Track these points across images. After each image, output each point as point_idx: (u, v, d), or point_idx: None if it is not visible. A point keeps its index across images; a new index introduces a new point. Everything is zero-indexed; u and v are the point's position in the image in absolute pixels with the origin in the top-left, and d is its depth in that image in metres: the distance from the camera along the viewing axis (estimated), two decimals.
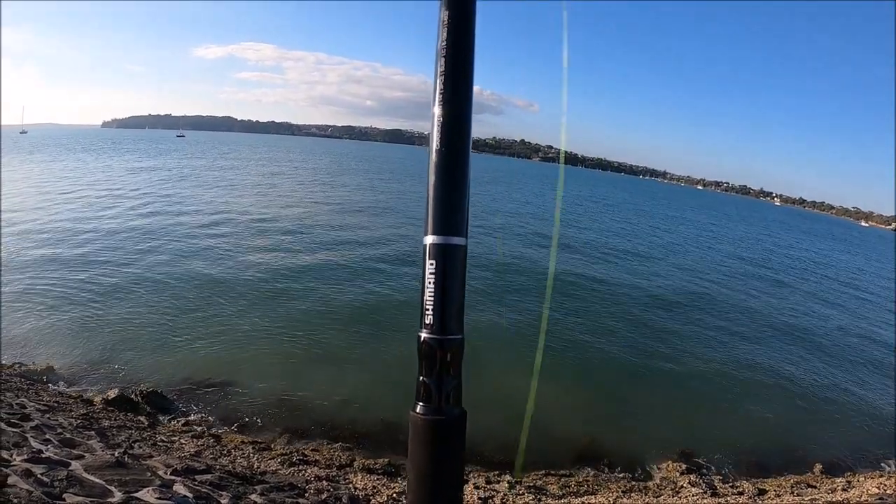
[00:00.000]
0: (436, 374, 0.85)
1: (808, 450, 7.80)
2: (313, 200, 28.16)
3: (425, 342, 0.86)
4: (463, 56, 0.92)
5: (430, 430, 0.85)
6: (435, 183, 0.89)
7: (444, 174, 0.89)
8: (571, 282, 14.98)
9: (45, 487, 2.62)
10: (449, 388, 0.86)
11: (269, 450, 5.86)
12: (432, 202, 0.88)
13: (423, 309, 0.87)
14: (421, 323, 0.87)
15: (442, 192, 0.89)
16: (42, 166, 38.40)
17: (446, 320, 0.86)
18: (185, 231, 17.25)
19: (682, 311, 13.84)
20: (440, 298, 0.86)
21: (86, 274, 11.81)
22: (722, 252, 27.45)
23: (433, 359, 0.85)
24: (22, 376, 6.81)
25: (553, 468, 6.35)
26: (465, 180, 0.91)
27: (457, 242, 0.87)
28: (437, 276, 0.86)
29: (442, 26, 0.91)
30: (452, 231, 0.87)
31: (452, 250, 0.87)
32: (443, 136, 0.89)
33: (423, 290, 0.87)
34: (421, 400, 0.86)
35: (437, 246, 0.86)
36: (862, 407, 9.59)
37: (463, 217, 0.89)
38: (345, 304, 11.21)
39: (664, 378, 9.43)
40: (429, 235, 0.87)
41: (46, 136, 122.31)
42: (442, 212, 0.88)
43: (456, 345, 0.86)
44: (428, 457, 0.86)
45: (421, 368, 0.86)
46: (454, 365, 0.86)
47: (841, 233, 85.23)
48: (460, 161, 0.90)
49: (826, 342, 13.33)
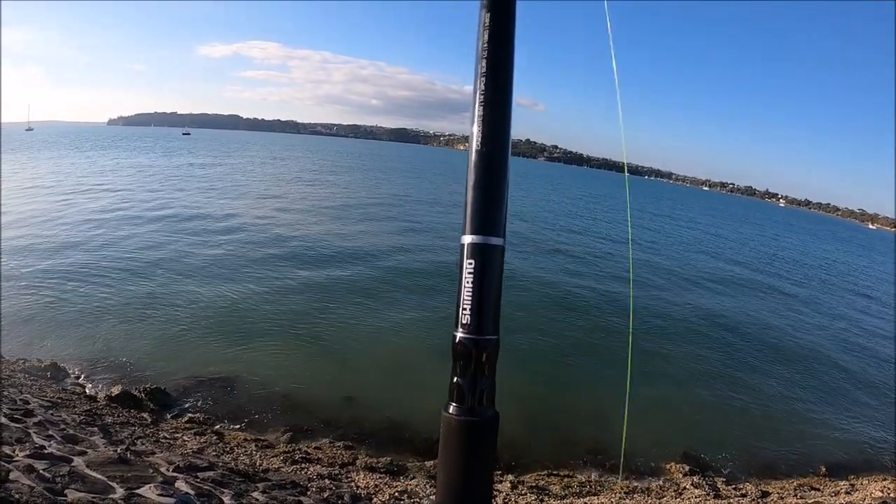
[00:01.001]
0: (470, 374, 0.85)
1: (812, 452, 7.75)
2: (318, 198, 28.19)
3: (461, 342, 0.86)
4: (503, 58, 0.92)
5: (462, 430, 0.85)
6: (474, 183, 0.89)
7: (484, 174, 0.89)
8: (575, 284, 14.96)
9: (46, 483, 2.61)
10: (483, 389, 0.86)
11: (272, 447, 5.86)
12: (471, 202, 0.89)
13: (460, 308, 0.86)
14: (457, 322, 0.86)
15: (481, 193, 0.89)
16: (50, 163, 38.57)
17: (483, 320, 0.85)
18: (192, 228, 17.28)
19: (684, 313, 13.78)
20: (477, 298, 0.85)
21: (93, 270, 11.84)
22: (725, 255, 27.30)
23: (468, 359, 0.85)
24: (26, 372, 6.82)
25: (556, 468, 6.34)
26: (505, 181, 0.91)
27: (495, 243, 0.87)
28: (475, 275, 0.86)
29: (482, 28, 0.92)
30: (491, 231, 0.87)
31: (490, 250, 0.87)
32: (483, 137, 0.90)
33: (461, 290, 0.86)
34: (454, 400, 0.86)
35: (476, 245, 0.86)
36: (866, 409, 9.53)
37: (501, 217, 0.89)
38: (349, 301, 11.20)
39: (667, 379, 9.38)
40: (467, 235, 0.87)
41: (54, 134, 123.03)
42: (481, 212, 0.88)
43: (491, 345, 0.86)
44: (459, 458, 0.85)
45: (455, 368, 0.86)
46: (489, 366, 0.86)
47: (850, 235, 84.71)
48: (500, 162, 0.90)
49: (831, 344, 13.26)
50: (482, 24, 0.92)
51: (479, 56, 0.92)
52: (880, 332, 15.54)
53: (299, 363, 8.22)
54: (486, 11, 0.92)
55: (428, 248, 16.72)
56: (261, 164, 51.58)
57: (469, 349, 0.85)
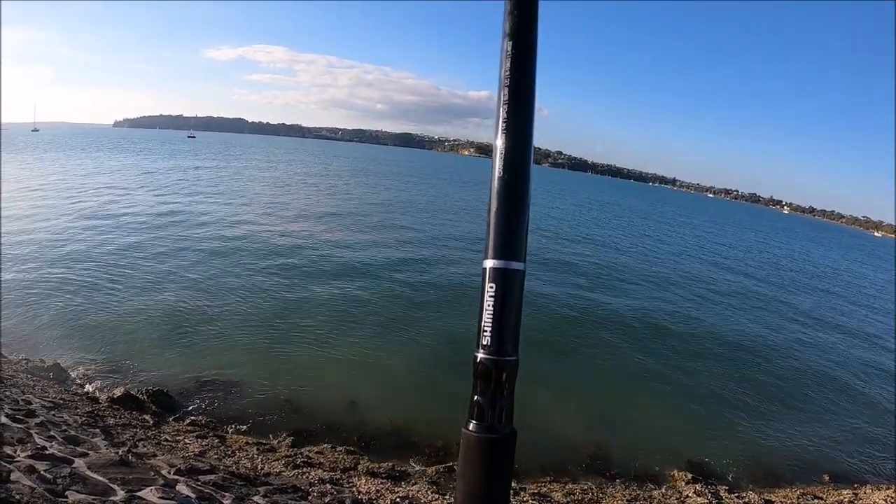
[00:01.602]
0: (490, 393, 0.88)
1: (815, 460, 7.70)
2: (328, 202, 28.28)
3: (481, 362, 0.88)
4: (525, 87, 0.95)
5: (482, 447, 0.88)
6: (497, 209, 0.92)
7: (505, 200, 0.92)
8: (578, 293, 14.93)
9: (47, 484, 2.60)
10: (502, 407, 0.89)
11: (274, 451, 5.84)
12: (493, 227, 0.91)
13: (481, 330, 0.89)
14: (478, 343, 0.89)
15: (503, 218, 0.91)
16: (56, 164, 38.76)
17: (503, 342, 0.89)
18: (197, 233, 17.33)
19: (689, 319, 13.73)
20: (498, 321, 0.89)
21: (96, 272, 11.88)
22: (727, 263, 27.21)
23: (488, 378, 0.88)
24: (29, 372, 6.82)
25: (558, 475, 6.30)
26: (526, 207, 0.93)
27: (516, 267, 0.90)
28: (496, 298, 0.89)
29: (505, 56, 0.94)
30: (512, 256, 0.90)
31: (511, 274, 0.90)
32: (505, 164, 0.92)
33: (482, 312, 0.89)
34: (474, 418, 0.88)
35: (497, 270, 0.89)
36: (869, 418, 9.46)
37: (522, 242, 0.92)
38: (353, 306, 11.19)
39: (670, 386, 9.33)
40: (489, 259, 0.90)
41: (60, 135, 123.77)
42: (502, 237, 0.91)
43: (511, 366, 0.89)
44: (479, 473, 0.88)
45: (476, 387, 0.89)
46: (508, 385, 0.89)
47: (858, 244, 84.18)
48: (522, 188, 0.93)
49: (835, 353, 13.16)
50: (504, 53, 0.94)
51: (500, 84, 0.94)
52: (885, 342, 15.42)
53: (302, 367, 8.20)
54: (509, 40, 0.94)
55: (434, 259, 16.65)
56: (267, 169, 51.69)
57: (489, 369, 0.88)
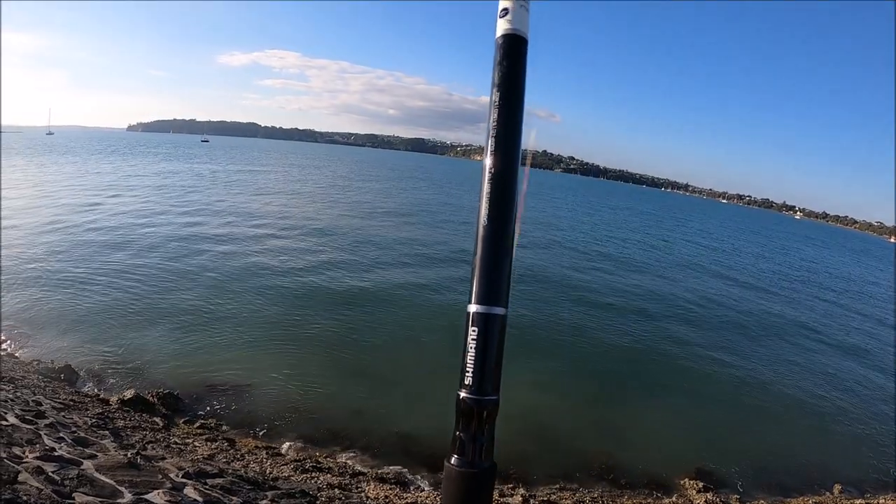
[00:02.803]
0: (472, 430, 0.91)
1: (827, 470, 7.56)
2: (336, 205, 28.37)
3: (464, 401, 0.92)
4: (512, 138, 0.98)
5: (463, 481, 0.90)
6: (481, 255, 0.95)
7: (489, 247, 0.95)
8: (593, 293, 14.84)
9: (54, 486, 2.58)
10: (482, 443, 0.91)
11: (282, 455, 5.82)
12: (478, 272, 0.95)
13: (464, 370, 0.92)
14: (461, 382, 0.92)
15: (487, 265, 0.95)
16: (73, 167, 39.24)
17: (484, 382, 0.92)
18: (212, 236, 17.44)
19: (700, 326, 13.59)
20: (480, 363, 0.92)
21: (109, 275, 11.98)
22: (744, 270, 26.94)
23: (470, 416, 0.91)
24: (40, 373, 6.86)
25: (568, 482, 6.23)
26: (509, 255, 0.96)
27: (497, 312, 0.94)
28: (478, 342, 0.92)
29: (493, 107, 0.99)
30: (494, 301, 0.94)
31: (493, 319, 0.93)
32: (490, 213, 0.96)
33: (465, 354, 0.93)
34: (456, 452, 0.91)
35: (480, 315, 0.93)
36: (882, 426, 9.27)
37: (505, 288, 0.95)
38: (364, 313, 11.18)
39: (682, 394, 9.23)
40: (472, 304, 0.94)
41: (75, 138, 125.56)
42: (486, 283, 0.95)
43: (491, 405, 0.93)
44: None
45: (458, 423, 0.92)
46: (489, 423, 0.93)
47: (869, 248, 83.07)
48: (506, 236, 0.96)
49: (848, 362, 12.94)
50: (492, 103, 0.99)
51: (488, 132, 0.99)
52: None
53: (312, 373, 8.18)
54: (497, 90, 0.99)
55: (445, 265, 16.64)
56: (283, 173, 52.04)
57: (471, 408, 0.91)
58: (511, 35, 0.99)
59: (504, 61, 0.99)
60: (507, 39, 0.99)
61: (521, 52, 1.00)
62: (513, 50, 1.00)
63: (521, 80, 1.00)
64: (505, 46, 0.99)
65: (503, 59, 0.99)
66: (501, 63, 0.99)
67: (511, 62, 0.99)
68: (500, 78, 0.99)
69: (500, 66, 0.99)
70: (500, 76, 0.99)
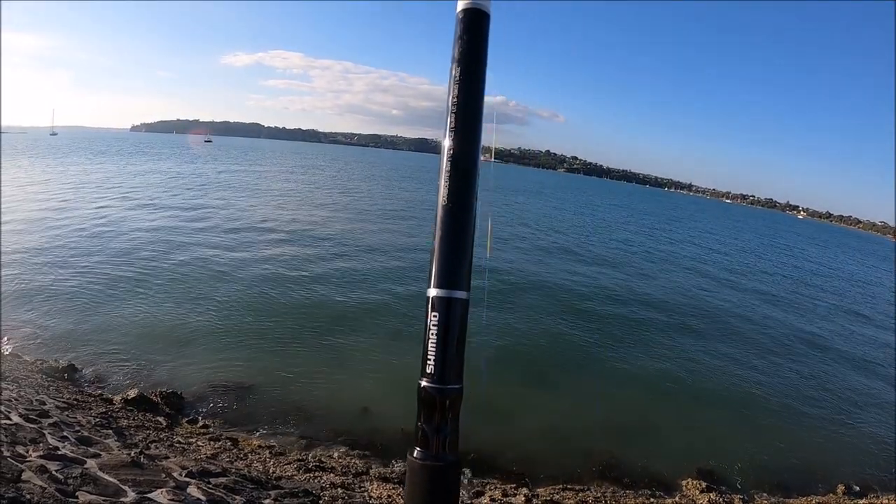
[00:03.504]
0: (435, 421, 0.88)
1: (831, 470, 7.51)
2: (338, 206, 28.39)
3: (425, 390, 0.89)
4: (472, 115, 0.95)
5: (426, 474, 0.88)
6: (440, 237, 0.92)
7: (449, 230, 0.92)
8: (591, 294, 14.82)
9: (58, 484, 2.58)
10: (445, 435, 0.88)
11: (285, 455, 5.82)
12: (437, 256, 0.92)
13: (425, 358, 0.90)
14: (422, 371, 0.90)
15: (447, 247, 0.92)
16: (79, 168, 39.35)
17: (446, 371, 0.89)
18: (217, 235, 17.47)
19: (701, 327, 13.54)
20: (441, 350, 0.89)
21: (114, 275, 12.00)
22: (745, 268, 26.88)
23: (432, 407, 0.89)
24: (44, 373, 6.88)
25: (570, 482, 6.21)
26: (470, 236, 0.93)
27: (459, 296, 0.90)
28: (438, 328, 0.89)
29: (453, 82, 0.95)
30: (455, 285, 0.90)
31: (455, 303, 0.90)
32: (449, 192, 0.92)
33: (426, 341, 0.90)
34: (419, 445, 0.90)
35: (441, 299, 0.90)
36: (886, 427, 9.22)
37: (466, 271, 0.92)
38: (368, 311, 11.18)
39: (685, 394, 9.19)
40: (432, 288, 0.90)
41: (78, 139, 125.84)
42: (446, 266, 0.91)
43: (455, 394, 0.89)
44: (423, 501, 0.88)
45: (420, 414, 0.90)
46: (452, 413, 0.89)
47: (883, 251, 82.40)
48: (465, 217, 0.93)
49: (852, 362, 12.88)
50: (452, 78, 0.96)
51: (448, 110, 0.95)
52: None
53: (315, 372, 8.17)
54: (457, 66, 0.95)
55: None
56: (289, 172, 52.11)
57: (433, 397, 0.89)
58: (472, 10, 0.96)
59: (464, 35, 0.96)
60: (467, 14, 0.96)
61: (483, 26, 0.97)
62: (473, 24, 0.97)
63: (482, 55, 0.97)
64: (466, 21, 0.96)
65: (463, 33, 0.96)
66: (462, 38, 0.96)
67: (471, 37, 0.96)
68: (461, 53, 0.96)
69: (460, 40, 0.96)
70: (461, 51, 0.96)
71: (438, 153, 0.96)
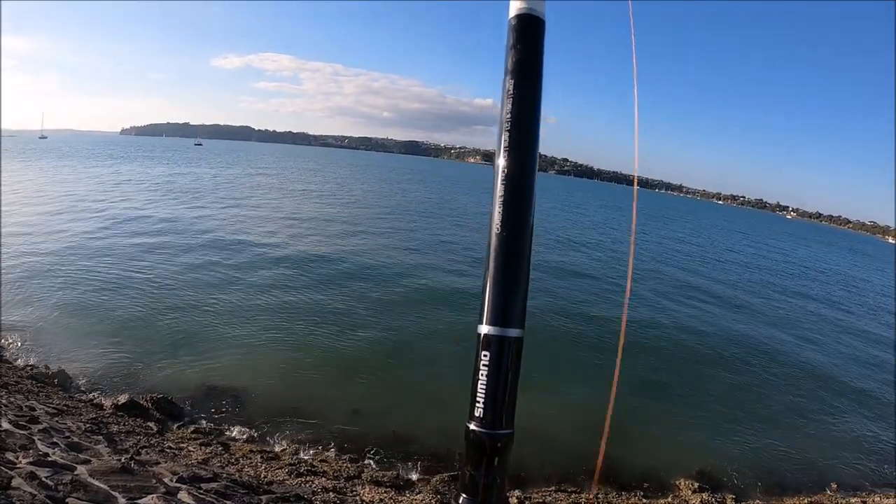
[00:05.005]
0: (483, 468, 0.82)
1: (823, 470, 7.61)
2: (333, 207, 28.34)
3: (474, 434, 0.82)
4: (529, 133, 0.87)
5: None
6: (494, 269, 0.85)
7: (504, 261, 0.85)
8: (589, 300, 14.88)
9: (48, 491, 2.58)
10: (495, 483, 0.82)
11: (277, 459, 5.81)
12: (491, 289, 0.85)
13: (474, 400, 0.83)
14: (470, 413, 0.83)
15: (501, 280, 0.85)
16: (71, 172, 39.03)
17: (497, 415, 0.83)
18: (207, 239, 17.36)
19: (693, 327, 13.63)
20: (492, 392, 0.83)
21: (103, 279, 11.92)
22: (735, 271, 27.06)
23: (482, 452, 0.82)
24: (33, 378, 6.82)
25: (564, 484, 6.24)
26: (526, 268, 0.87)
27: (512, 334, 0.84)
28: (490, 368, 0.83)
29: (507, 96, 0.87)
30: (509, 322, 0.84)
31: (508, 342, 0.84)
32: (504, 220, 0.85)
33: (475, 381, 0.83)
34: (466, 492, 0.82)
35: (493, 337, 0.84)
36: (878, 426, 9.34)
37: (520, 307, 0.86)
38: (357, 314, 11.17)
39: (677, 395, 9.27)
40: (484, 325, 0.84)
41: (67, 142, 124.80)
42: (499, 301, 0.84)
43: (505, 439, 0.83)
44: None
45: (467, 458, 0.83)
46: (502, 460, 0.83)
47: (867, 249, 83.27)
48: (521, 248, 0.86)
49: (843, 361, 13.03)
50: (505, 92, 0.87)
51: (501, 127, 0.87)
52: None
53: (308, 376, 8.18)
54: (511, 78, 0.87)
55: (441, 265, 16.64)
56: (279, 176, 51.96)
57: (483, 443, 0.82)
58: (526, 15, 0.87)
59: (518, 44, 0.87)
60: (521, 20, 0.87)
61: (538, 34, 0.88)
62: (528, 32, 0.88)
63: (538, 65, 0.88)
64: (519, 28, 0.88)
65: (517, 41, 0.88)
66: (515, 47, 0.88)
67: (526, 45, 0.88)
68: (515, 64, 0.87)
69: (513, 49, 0.88)
70: (514, 62, 0.87)
71: (429, 155, 0.87)
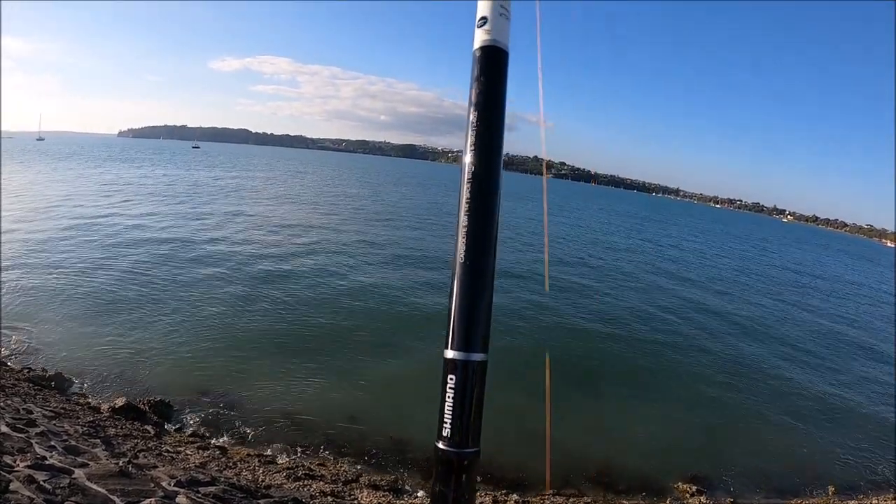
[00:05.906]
0: (452, 485, 0.85)
1: (821, 472, 7.63)
2: (331, 212, 28.35)
3: (443, 453, 0.87)
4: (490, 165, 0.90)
5: None
6: (458, 296, 0.89)
7: (468, 288, 0.88)
8: (587, 302, 14.89)
9: (46, 495, 2.58)
10: (463, 497, 0.86)
11: (275, 463, 5.81)
12: (455, 315, 0.89)
13: (441, 421, 0.87)
14: (438, 433, 0.88)
15: (464, 307, 0.89)
16: (71, 174, 38.98)
17: (463, 434, 0.87)
18: (204, 244, 17.36)
19: (692, 330, 13.65)
20: (458, 413, 0.87)
21: (101, 283, 11.91)
22: (732, 273, 27.08)
23: (450, 469, 0.86)
24: (31, 381, 6.80)
25: (563, 488, 6.25)
26: (489, 294, 0.90)
27: (476, 358, 0.87)
28: (455, 391, 0.87)
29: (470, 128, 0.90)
30: (473, 347, 0.88)
31: (473, 366, 0.87)
32: (468, 248, 0.89)
33: (442, 403, 0.87)
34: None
35: (458, 362, 0.87)
36: (875, 429, 9.38)
37: (484, 332, 0.90)
38: (356, 319, 11.17)
39: (674, 398, 9.28)
40: (449, 350, 0.88)
41: (64, 144, 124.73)
42: (463, 327, 0.88)
43: (472, 457, 0.87)
44: None
45: (436, 477, 0.87)
46: (468, 476, 0.86)
47: (868, 253, 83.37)
48: (484, 275, 0.89)
49: (842, 364, 13.07)
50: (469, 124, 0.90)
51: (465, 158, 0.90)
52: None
53: (305, 380, 8.16)
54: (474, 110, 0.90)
55: (438, 271, 16.66)
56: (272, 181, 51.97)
57: (450, 461, 0.86)
58: (490, 47, 0.88)
59: (482, 76, 0.89)
60: (485, 52, 0.89)
61: (501, 65, 0.89)
62: (492, 63, 0.89)
63: (501, 97, 0.89)
64: (483, 60, 0.89)
65: (481, 74, 0.89)
66: (479, 79, 0.89)
67: (490, 77, 0.89)
68: (478, 96, 0.89)
69: (477, 82, 0.89)
70: (478, 94, 0.89)
71: (426, 158, 0.90)
